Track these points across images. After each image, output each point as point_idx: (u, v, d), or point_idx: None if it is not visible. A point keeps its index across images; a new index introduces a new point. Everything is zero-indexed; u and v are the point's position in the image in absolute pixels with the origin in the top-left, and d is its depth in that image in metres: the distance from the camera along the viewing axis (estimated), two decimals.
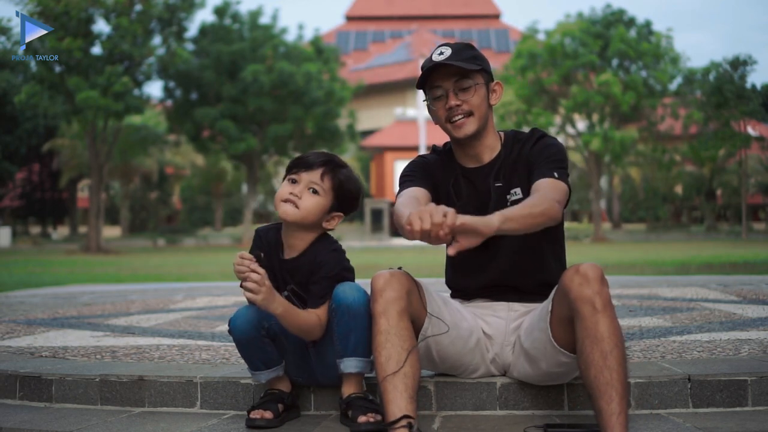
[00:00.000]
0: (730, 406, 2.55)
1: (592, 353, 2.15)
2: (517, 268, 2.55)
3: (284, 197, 2.51)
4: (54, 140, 38.52)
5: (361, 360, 2.45)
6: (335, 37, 63.70)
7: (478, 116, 2.53)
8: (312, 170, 2.52)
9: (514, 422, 2.48)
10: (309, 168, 2.53)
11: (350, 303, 2.41)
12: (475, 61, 2.51)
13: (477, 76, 2.52)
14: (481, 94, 2.53)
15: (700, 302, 5.07)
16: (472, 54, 2.53)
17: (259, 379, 2.57)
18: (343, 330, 2.43)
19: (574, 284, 2.20)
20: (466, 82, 2.50)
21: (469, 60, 2.50)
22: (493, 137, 2.61)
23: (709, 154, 35.18)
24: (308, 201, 2.51)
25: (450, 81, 2.50)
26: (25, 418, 2.64)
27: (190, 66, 31.02)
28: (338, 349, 2.45)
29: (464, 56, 2.50)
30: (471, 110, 2.51)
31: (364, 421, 2.36)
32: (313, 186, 2.52)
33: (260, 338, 2.49)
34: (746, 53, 58.37)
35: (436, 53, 2.52)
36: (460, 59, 2.48)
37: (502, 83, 2.63)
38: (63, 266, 16.78)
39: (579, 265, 2.25)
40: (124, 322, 4.63)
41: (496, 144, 2.61)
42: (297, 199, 2.50)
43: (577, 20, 34.75)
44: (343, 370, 2.45)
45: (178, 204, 52.83)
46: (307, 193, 2.51)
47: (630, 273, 10.68)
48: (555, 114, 34.34)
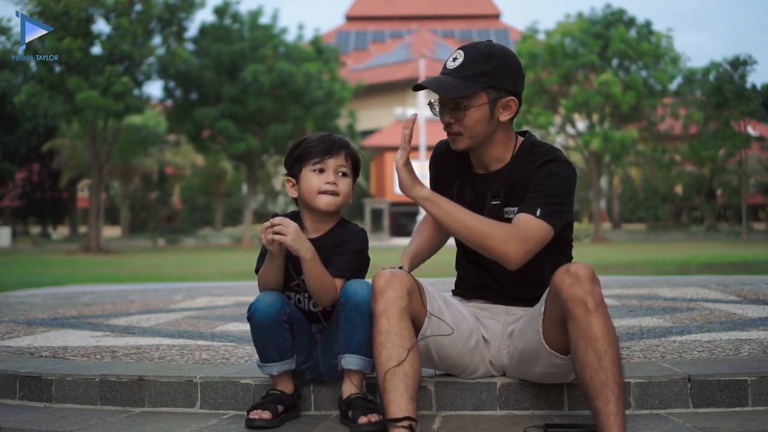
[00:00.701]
0: (730, 406, 2.55)
1: (587, 354, 2.14)
2: (520, 277, 2.48)
3: (321, 188, 2.50)
4: (54, 140, 38.53)
5: (363, 358, 2.44)
6: (335, 37, 63.71)
7: (470, 136, 2.43)
8: (338, 155, 2.53)
9: (514, 422, 2.48)
10: (334, 153, 2.52)
11: (360, 300, 2.40)
12: (480, 79, 2.37)
13: (477, 96, 2.39)
14: (478, 115, 2.40)
15: (700, 302, 5.06)
16: (483, 70, 2.37)
17: (270, 372, 2.53)
18: (350, 326, 2.43)
19: (565, 285, 2.19)
20: (463, 102, 2.40)
21: (472, 78, 2.37)
22: (502, 149, 2.50)
23: (709, 154, 35.18)
24: (345, 185, 2.53)
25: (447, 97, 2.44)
26: (25, 418, 2.64)
27: (190, 66, 31.03)
28: (342, 344, 2.45)
29: (470, 72, 2.37)
30: (460, 131, 2.43)
31: (365, 422, 2.35)
32: (342, 169, 2.54)
33: (281, 323, 2.46)
34: (746, 53, 58.45)
35: (450, 59, 2.43)
36: (464, 76, 2.37)
37: (517, 100, 2.44)
38: (63, 266, 16.78)
39: (569, 265, 2.23)
40: (124, 322, 4.63)
41: (505, 155, 2.50)
42: (335, 187, 2.51)
43: (577, 20, 34.78)
44: (343, 365, 2.44)
45: (178, 204, 52.84)
46: (339, 178, 2.52)
47: (630, 273, 10.68)
48: (555, 114, 34.35)
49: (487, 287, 2.60)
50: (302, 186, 2.53)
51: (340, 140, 2.57)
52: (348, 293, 2.43)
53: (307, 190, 2.52)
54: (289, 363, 2.52)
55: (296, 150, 2.57)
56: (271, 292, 2.50)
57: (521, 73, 2.48)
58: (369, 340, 2.40)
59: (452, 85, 2.38)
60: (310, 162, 2.52)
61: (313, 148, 2.53)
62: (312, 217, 2.56)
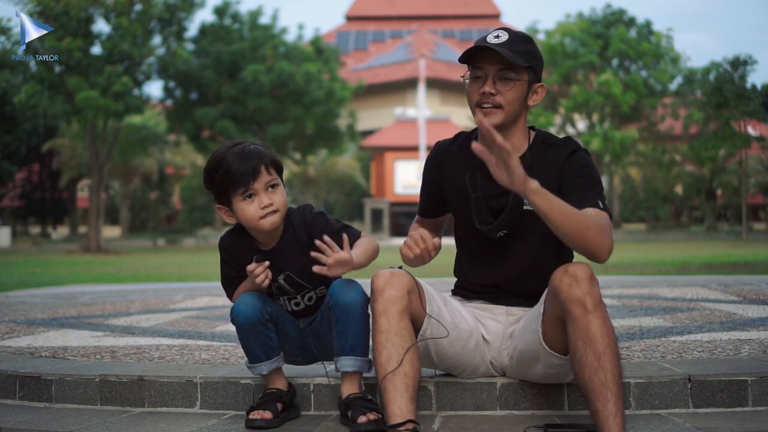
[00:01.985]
0: (731, 406, 2.55)
1: (586, 354, 2.13)
2: (527, 268, 2.50)
3: (260, 214, 2.40)
4: (54, 140, 38.53)
5: (358, 359, 2.44)
6: (335, 37, 63.70)
7: (507, 111, 2.42)
8: (260, 174, 2.40)
9: (514, 422, 2.48)
10: (257, 175, 2.39)
11: (348, 303, 2.41)
12: (525, 57, 2.40)
13: (522, 72, 2.41)
14: (519, 91, 2.42)
15: (700, 302, 5.06)
16: (526, 49, 2.42)
17: (260, 372, 2.55)
18: (341, 329, 2.43)
19: (564, 285, 2.18)
20: (509, 74, 2.39)
21: (520, 54, 2.39)
22: (521, 137, 2.50)
23: (709, 154, 35.17)
24: (279, 196, 2.44)
25: (494, 67, 2.40)
26: (24, 418, 2.64)
27: (190, 66, 31.05)
28: (336, 347, 2.46)
29: (517, 48, 2.39)
30: (501, 104, 2.42)
31: (364, 421, 2.35)
32: (270, 184, 2.43)
33: (263, 323, 2.49)
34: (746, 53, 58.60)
35: (492, 35, 2.43)
36: (512, 50, 2.37)
37: (545, 87, 2.51)
38: (63, 266, 16.78)
39: (568, 265, 2.23)
40: (124, 322, 4.63)
41: (522, 144, 2.50)
42: (272, 206, 2.42)
43: (577, 20, 34.80)
44: (340, 369, 2.45)
45: (178, 204, 52.80)
46: (270, 194, 2.43)
47: (630, 273, 10.68)
48: (555, 114, 34.35)
49: (488, 287, 2.59)
50: (239, 216, 2.44)
51: (255, 153, 2.41)
52: (335, 297, 2.43)
53: (246, 219, 2.43)
54: (277, 361, 2.55)
55: (215, 177, 2.42)
56: (251, 293, 2.51)
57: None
58: (362, 340, 2.43)
59: (512, 55, 2.37)
60: (236, 192, 2.40)
61: (233, 175, 2.38)
62: (263, 236, 2.50)
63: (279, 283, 2.53)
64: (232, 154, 2.40)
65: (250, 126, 32.51)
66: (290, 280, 2.53)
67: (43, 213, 44.96)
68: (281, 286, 2.54)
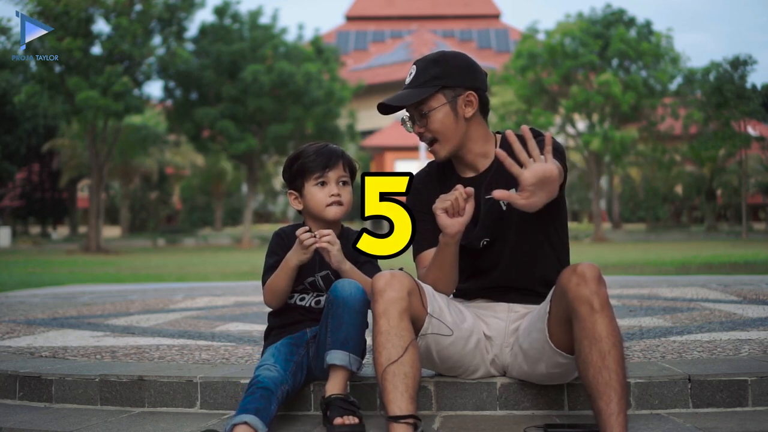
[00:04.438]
0: (731, 406, 2.55)
1: (591, 353, 2.14)
2: (519, 268, 2.53)
3: (327, 201, 2.62)
4: (54, 140, 38.53)
5: (348, 354, 2.42)
6: (335, 37, 63.69)
7: (445, 137, 2.49)
8: (337, 166, 2.63)
9: (514, 422, 2.48)
10: (333, 166, 2.63)
11: (346, 297, 2.43)
12: (434, 81, 2.45)
13: (435, 98, 2.46)
14: (443, 114, 2.46)
15: (700, 302, 5.07)
16: (434, 73, 2.46)
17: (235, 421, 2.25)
18: (336, 322, 2.43)
19: (572, 284, 2.20)
20: (423, 109, 2.48)
21: (427, 82, 2.45)
22: (483, 144, 2.54)
23: (709, 154, 35.14)
24: (347, 194, 2.66)
25: (412, 108, 2.51)
26: (24, 418, 2.64)
27: (190, 66, 31.02)
28: (328, 341, 2.44)
29: (423, 78, 2.46)
30: (434, 137, 2.49)
31: (339, 423, 2.32)
32: (343, 179, 2.65)
33: (277, 397, 2.35)
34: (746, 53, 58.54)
35: (407, 76, 2.52)
36: (419, 83, 2.46)
37: (477, 94, 2.48)
38: (63, 266, 16.78)
39: (576, 264, 2.25)
40: (124, 322, 4.63)
41: (489, 150, 2.55)
42: (340, 198, 2.63)
43: (577, 20, 34.74)
44: (328, 361, 2.42)
45: (178, 204, 52.81)
46: (341, 188, 2.64)
47: (630, 273, 10.68)
48: (555, 114, 34.33)
49: (489, 288, 2.59)
50: (307, 200, 2.65)
51: (336, 150, 2.67)
52: (335, 292, 2.45)
53: (313, 203, 2.63)
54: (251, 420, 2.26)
55: (295, 164, 2.66)
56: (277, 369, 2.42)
57: (477, 69, 2.54)
58: (356, 336, 2.43)
59: (408, 95, 2.47)
60: (311, 177, 2.63)
61: (312, 162, 2.63)
62: (319, 226, 2.64)
63: (316, 278, 2.62)
64: (313, 147, 2.68)
65: (250, 126, 32.47)
66: (327, 279, 2.61)
67: (43, 213, 44.96)
68: (316, 282, 2.63)
